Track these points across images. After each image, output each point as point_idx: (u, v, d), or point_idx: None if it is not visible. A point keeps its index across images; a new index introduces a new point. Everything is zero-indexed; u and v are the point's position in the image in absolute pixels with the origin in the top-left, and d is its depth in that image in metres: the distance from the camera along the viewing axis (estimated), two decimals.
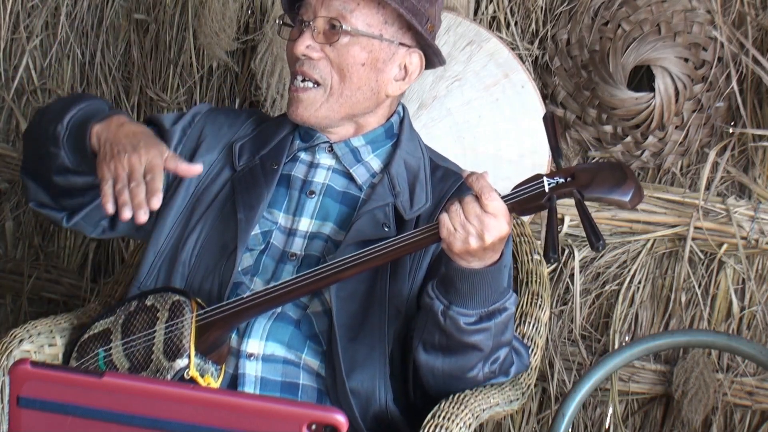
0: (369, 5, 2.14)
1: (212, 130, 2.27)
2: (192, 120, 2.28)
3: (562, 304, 3.04)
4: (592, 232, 1.90)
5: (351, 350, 2.06)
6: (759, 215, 2.90)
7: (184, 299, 2.05)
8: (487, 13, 2.96)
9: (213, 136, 2.26)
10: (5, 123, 3.32)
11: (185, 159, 2.21)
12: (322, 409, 1.50)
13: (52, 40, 3.26)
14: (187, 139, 2.26)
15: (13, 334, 2.13)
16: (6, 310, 3.38)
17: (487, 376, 2.09)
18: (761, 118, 2.88)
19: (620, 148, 2.93)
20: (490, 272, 1.98)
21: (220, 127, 2.28)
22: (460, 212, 1.93)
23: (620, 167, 1.97)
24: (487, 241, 1.93)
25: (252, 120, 2.31)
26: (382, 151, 2.23)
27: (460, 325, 2.00)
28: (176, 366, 1.98)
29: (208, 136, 2.26)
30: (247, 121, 2.31)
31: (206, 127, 2.27)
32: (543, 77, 2.96)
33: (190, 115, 2.29)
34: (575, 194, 1.94)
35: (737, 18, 2.83)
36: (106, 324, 2.10)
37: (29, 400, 1.56)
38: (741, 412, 3.00)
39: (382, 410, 2.08)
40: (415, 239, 2.00)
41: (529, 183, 1.97)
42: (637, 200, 1.95)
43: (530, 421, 3.08)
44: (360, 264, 2.00)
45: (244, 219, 2.14)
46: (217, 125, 2.28)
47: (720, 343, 2.84)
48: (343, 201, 2.19)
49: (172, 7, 3.14)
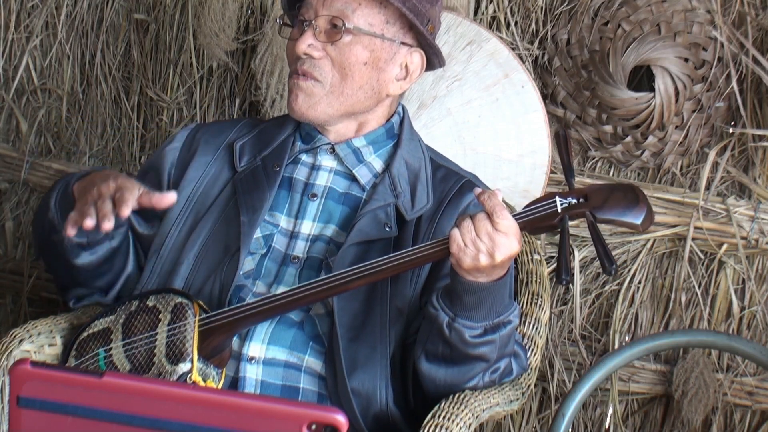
0: (371, 4, 2.14)
1: (205, 137, 2.27)
2: (183, 138, 2.29)
3: (562, 304, 3.04)
4: (605, 255, 1.89)
5: (352, 350, 2.06)
6: (759, 215, 2.90)
7: (187, 302, 2.05)
8: (487, 13, 2.96)
9: (207, 140, 2.27)
10: (5, 123, 3.32)
11: (181, 169, 2.22)
12: (322, 409, 1.50)
13: (52, 40, 3.26)
14: (183, 150, 2.27)
15: (13, 334, 2.12)
16: (6, 310, 3.38)
17: (486, 385, 2.10)
18: (761, 118, 2.88)
19: (620, 148, 2.93)
20: (496, 286, 1.98)
21: (212, 133, 2.28)
22: (472, 229, 1.93)
23: (632, 189, 1.98)
24: (496, 260, 1.93)
25: (245, 123, 2.31)
26: (383, 151, 2.23)
27: (465, 337, 2.00)
28: (179, 370, 1.98)
29: (202, 143, 2.26)
30: (240, 123, 2.31)
31: (198, 137, 2.28)
32: (543, 77, 2.96)
33: (179, 135, 2.30)
34: (588, 216, 1.94)
35: (737, 18, 2.83)
36: (106, 323, 2.10)
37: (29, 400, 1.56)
38: (741, 412, 3.00)
39: (382, 411, 2.08)
40: (424, 253, 2.00)
41: (542, 202, 1.97)
42: (648, 223, 1.96)
43: (530, 421, 3.08)
44: (369, 275, 2.00)
45: (246, 222, 2.14)
46: (209, 132, 2.29)
47: (720, 343, 2.84)
48: (345, 202, 2.19)
49: (172, 7, 3.14)
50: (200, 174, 2.23)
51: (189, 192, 2.22)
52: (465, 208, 2.17)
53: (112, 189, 2.01)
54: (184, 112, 3.19)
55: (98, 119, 3.26)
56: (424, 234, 2.14)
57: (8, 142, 3.33)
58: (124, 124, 3.25)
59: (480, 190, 1.98)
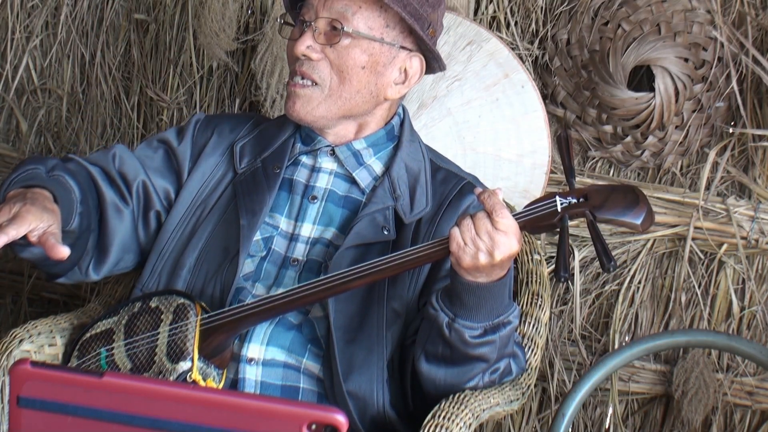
0: (371, 8, 2.13)
1: (216, 132, 2.27)
2: (194, 130, 2.28)
3: (562, 304, 3.04)
4: (604, 253, 1.90)
5: (348, 352, 2.06)
6: (759, 215, 2.90)
7: (189, 302, 2.05)
8: (487, 13, 2.96)
9: (217, 137, 2.26)
10: (5, 123, 3.32)
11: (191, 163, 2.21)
12: (322, 409, 1.50)
13: (52, 40, 3.26)
14: (194, 147, 2.26)
15: (13, 334, 2.12)
16: (6, 310, 3.38)
17: (486, 385, 2.10)
18: (761, 118, 2.88)
19: (620, 148, 2.93)
20: (496, 287, 1.98)
21: (222, 130, 2.28)
22: (471, 227, 1.93)
23: (632, 190, 1.98)
24: (496, 258, 1.93)
25: (252, 121, 2.31)
26: (383, 153, 2.23)
27: (464, 337, 2.00)
28: (179, 369, 1.98)
29: (213, 138, 2.26)
30: (248, 122, 2.30)
31: (210, 130, 2.27)
32: (543, 77, 2.96)
33: (191, 126, 2.28)
34: (588, 215, 1.95)
35: (737, 18, 2.83)
36: (108, 324, 2.10)
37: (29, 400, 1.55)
38: (741, 412, 3.00)
39: (379, 413, 2.07)
40: (424, 252, 1.99)
41: (542, 201, 1.98)
42: (648, 224, 1.96)
43: (530, 421, 3.08)
44: (369, 275, 2.00)
45: (246, 225, 2.14)
46: (220, 128, 2.28)
47: (720, 343, 2.84)
48: (345, 205, 2.18)
49: (172, 7, 3.14)
50: (207, 175, 2.23)
51: (194, 193, 2.22)
52: (464, 210, 2.16)
53: (4, 215, 1.95)
54: (184, 112, 3.19)
55: (98, 119, 3.26)
56: (423, 236, 2.14)
57: (8, 142, 3.33)
58: (124, 124, 3.25)
59: (480, 189, 1.98)
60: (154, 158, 2.25)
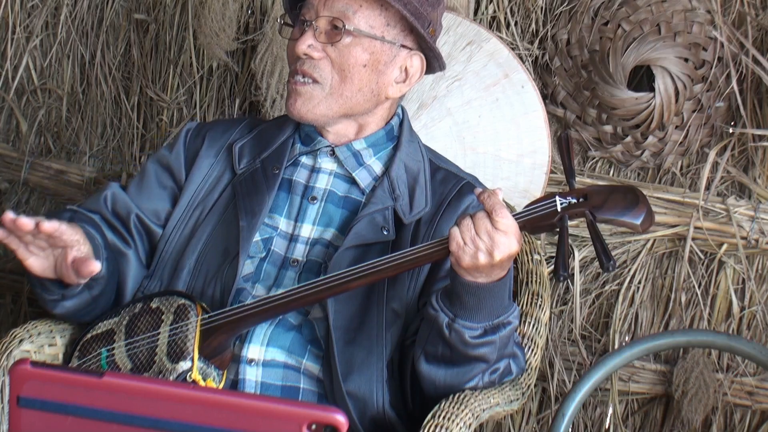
0: (372, 6, 2.13)
1: (208, 137, 2.27)
2: (185, 138, 2.28)
3: (562, 304, 3.04)
4: (603, 253, 1.90)
5: (348, 353, 2.06)
6: (759, 215, 2.90)
7: (190, 303, 2.05)
8: (487, 13, 2.96)
9: (209, 141, 2.26)
10: (5, 123, 3.32)
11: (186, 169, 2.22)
12: (322, 409, 1.50)
13: (52, 40, 3.26)
14: (187, 153, 2.26)
15: (13, 334, 2.12)
16: (6, 310, 3.38)
17: (485, 385, 2.10)
18: (761, 118, 2.88)
19: (620, 148, 2.93)
20: (496, 287, 1.98)
21: (214, 133, 2.28)
22: (471, 227, 1.93)
23: (633, 191, 1.98)
24: (495, 258, 1.93)
25: (246, 123, 2.31)
26: (383, 154, 2.23)
27: (464, 338, 2.00)
28: (179, 368, 1.98)
29: (205, 143, 2.26)
30: (242, 124, 2.31)
31: (201, 137, 2.27)
32: (543, 77, 2.96)
33: (182, 136, 2.29)
34: (587, 215, 1.95)
35: (737, 18, 2.83)
36: (109, 324, 2.11)
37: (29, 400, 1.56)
38: (741, 412, 3.00)
39: (379, 413, 2.07)
40: (424, 252, 1.99)
41: (542, 201, 1.98)
42: (647, 224, 1.96)
43: (530, 421, 3.08)
44: (369, 275, 2.00)
45: (246, 226, 2.14)
46: (211, 132, 2.28)
47: (720, 343, 2.84)
48: (344, 206, 2.18)
49: (172, 7, 3.14)
50: (203, 176, 2.23)
51: (192, 195, 2.22)
52: (464, 210, 2.17)
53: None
54: (184, 112, 3.19)
55: (98, 119, 3.26)
56: (423, 236, 2.14)
57: (8, 142, 3.33)
58: (124, 124, 3.25)
59: (480, 189, 1.98)
60: (143, 183, 2.25)
